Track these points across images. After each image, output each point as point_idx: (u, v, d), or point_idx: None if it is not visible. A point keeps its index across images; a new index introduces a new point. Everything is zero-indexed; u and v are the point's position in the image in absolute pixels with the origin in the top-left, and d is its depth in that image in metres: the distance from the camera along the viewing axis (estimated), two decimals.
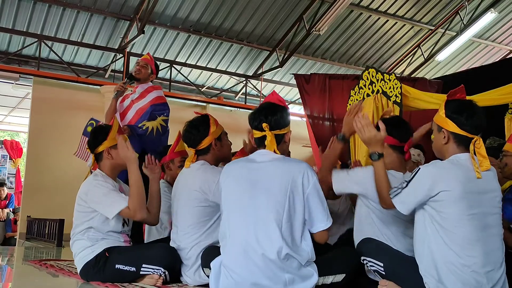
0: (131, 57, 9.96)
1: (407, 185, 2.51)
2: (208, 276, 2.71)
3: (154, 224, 3.31)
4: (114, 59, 10.01)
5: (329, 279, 2.62)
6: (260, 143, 2.68)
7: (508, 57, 12.39)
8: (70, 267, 3.80)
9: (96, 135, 3.28)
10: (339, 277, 2.66)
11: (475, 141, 2.50)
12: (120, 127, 3.36)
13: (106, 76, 10.29)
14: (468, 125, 2.50)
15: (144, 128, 4.42)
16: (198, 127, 3.18)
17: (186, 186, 3.12)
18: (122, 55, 9.81)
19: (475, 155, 2.50)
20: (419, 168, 2.50)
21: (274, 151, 2.61)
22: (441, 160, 2.59)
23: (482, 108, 2.58)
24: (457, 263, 2.39)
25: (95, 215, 3.06)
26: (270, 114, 2.64)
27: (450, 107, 2.56)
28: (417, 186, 2.48)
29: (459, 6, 11.03)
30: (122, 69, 9.91)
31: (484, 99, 4.64)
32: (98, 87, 9.24)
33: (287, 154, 3.53)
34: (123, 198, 3.04)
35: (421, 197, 2.46)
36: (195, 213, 3.03)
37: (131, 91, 4.68)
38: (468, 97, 4.69)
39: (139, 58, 4.85)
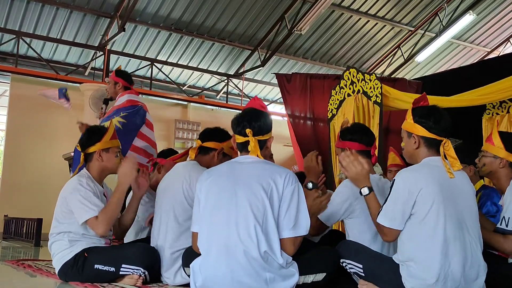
0: (111, 54, 9.88)
1: (386, 201, 2.55)
2: (189, 276, 2.70)
3: (119, 239, 3.36)
4: (94, 57, 9.91)
5: (309, 278, 2.63)
6: (242, 148, 2.68)
7: (486, 58, 12.60)
8: (48, 267, 3.76)
9: (90, 135, 3.23)
10: (319, 276, 2.66)
11: (444, 144, 2.59)
12: (115, 132, 3.30)
13: (86, 73, 10.17)
14: (437, 128, 2.60)
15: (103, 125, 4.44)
16: (220, 131, 3.26)
17: (173, 183, 3.11)
18: (102, 52, 9.71)
19: (446, 158, 2.59)
20: (394, 179, 2.55)
21: (258, 156, 2.62)
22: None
23: (447, 112, 2.69)
24: (435, 262, 2.42)
25: (74, 217, 3.02)
26: (253, 120, 2.65)
27: (417, 113, 2.67)
28: (397, 196, 2.51)
29: (438, 7, 11.18)
30: (102, 67, 9.82)
31: (462, 99, 4.72)
32: (78, 85, 9.13)
33: (270, 158, 3.56)
34: (96, 207, 2.98)
35: (404, 205, 2.48)
36: (180, 211, 3.02)
37: None
38: (446, 98, 4.79)
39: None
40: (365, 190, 2.72)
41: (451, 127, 2.64)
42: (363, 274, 2.69)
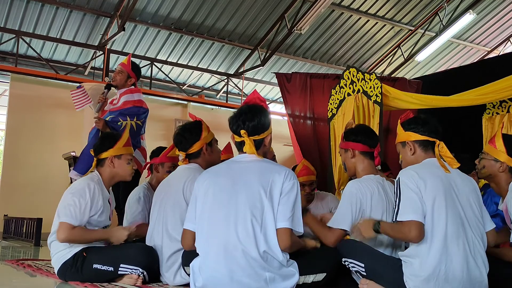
0: (111, 54, 9.87)
1: (399, 201, 2.53)
2: (188, 275, 2.70)
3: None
4: (94, 56, 9.90)
5: (310, 278, 2.63)
6: (240, 147, 2.68)
7: (486, 58, 12.59)
8: (48, 266, 3.76)
9: (104, 140, 3.25)
10: (320, 276, 2.66)
11: (437, 145, 2.66)
12: (129, 139, 3.32)
13: (86, 73, 10.17)
14: (427, 130, 2.70)
15: (118, 123, 4.42)
16: (190, 131, 3.22)
17: (174, 184, 3.12)
18: (102, 52, 9.70)
19: (443, 159, 2.65)
20: (398, 178, 2.56)
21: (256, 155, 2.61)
22: None
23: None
24: (435, 259, 2.42)
25: None
26: (248, 119, 2.61)
27: (406, 123, 2.80)
28: (407, 190, 2.51)
29: (438, 7, 11.17)
30: (102, 66, 9.81)
31: (462, 99, 4.71)
32: (78, 84, 9.10)
33: (272, 156, 3.57)
34: (80, 217, 2.97)
35: (416, 198, 2.48)
36: (179, 212, 3.01)
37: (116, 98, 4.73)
38: (446, 97, 4.79)
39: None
40: (376, 227, 2.68)
41: (441, 130, 2.73)
42: (364, 273, 2.70)
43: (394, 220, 2.53)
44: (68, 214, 2.96)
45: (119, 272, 2.95)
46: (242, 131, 2.59)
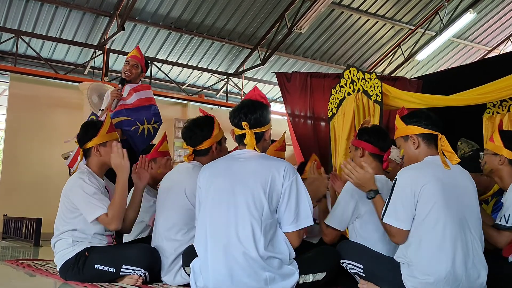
0: (110, 53, 9.86)
1: (389, 201, 2.54)
2: (189, 275, 2.69)
3: (126, 233, 3.32)
4: (94, 56, 9.89)
5: (310, 278, 2.62)
6: (240, 141, 2.67)
7: (486, 57, 12.57)
8: (47, 266, 3.75)
9: (87, 130, 3.20)
10: (320, 276, 2.65)
11: (439, 139, 2.64)
12: (112, 124, 3.27)
13: (85, 73, 10.15)
14: (429, 123, 2.68)
15: (133, 128, 4.37)
16: (202, 127, 3.15)
17: (176, 185, 3.10)
18: (101, 51, 9.69)
19: (443, 153, 2.64)
20: (396, 178, 2.56)
21: (255, 149, 2.60)
22: None
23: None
24: (436, 261, 2.41)
25: (79, 214, 3.00)
26: (249, 112, 2.63)
27: (406, 117, 2.77)
28: (399, 195, 2.51)
29: (438, 6, 11.16)
30: (101, 66, 9.81)
31: (462, 98, 4.70)
32: (77, 84, 9.10)
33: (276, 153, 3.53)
34: (103, 203, 2.96)
35: (407, 204, 2.48)
36: (181, 214, 3.00)
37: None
38: (446, 97, 4.78)
39: (128, 56, 4.62)
40: (370, 194, 2.74)
41: (442, 123, 2.71)
42: (363, 274, 2.70)
43: (381, 218, 2.59)
44: (93, 209, 2.93)
45: (120, 273, 2.94)
46: (244, 123, 2.60)
